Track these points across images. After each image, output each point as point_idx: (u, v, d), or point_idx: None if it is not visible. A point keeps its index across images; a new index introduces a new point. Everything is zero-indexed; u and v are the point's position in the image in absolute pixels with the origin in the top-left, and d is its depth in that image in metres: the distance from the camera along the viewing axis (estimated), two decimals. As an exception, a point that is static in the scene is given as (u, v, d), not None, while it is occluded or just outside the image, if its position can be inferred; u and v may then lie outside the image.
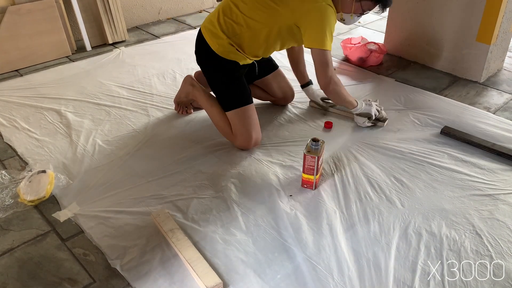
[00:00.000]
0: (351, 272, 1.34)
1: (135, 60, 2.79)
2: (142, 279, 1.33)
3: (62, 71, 2.67)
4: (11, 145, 1.98)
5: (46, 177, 1.69)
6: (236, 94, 1.89)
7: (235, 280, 1.32)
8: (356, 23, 3.41)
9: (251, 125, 1.87)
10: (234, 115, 1.88)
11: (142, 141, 1.99)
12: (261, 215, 1.56)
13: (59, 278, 1.35)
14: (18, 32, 2.64)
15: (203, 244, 1.45)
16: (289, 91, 2.20)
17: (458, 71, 2.54)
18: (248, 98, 1.91)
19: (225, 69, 1.89)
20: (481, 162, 1.81)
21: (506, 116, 2.15)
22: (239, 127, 1.87)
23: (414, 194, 1.65)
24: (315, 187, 1.66)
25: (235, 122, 1.88)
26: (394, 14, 2.73)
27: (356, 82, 2.49)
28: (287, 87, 2.19)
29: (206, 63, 1.95)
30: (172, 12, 3.59)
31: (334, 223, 1.52)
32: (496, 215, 1.55)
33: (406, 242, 1.44)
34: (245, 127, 1.87)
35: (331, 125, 2.06)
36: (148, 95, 2.37)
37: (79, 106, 2.26)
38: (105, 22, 2.98)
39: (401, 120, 2.11)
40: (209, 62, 1.93)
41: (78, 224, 1.54)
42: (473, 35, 2.39)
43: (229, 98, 1.90)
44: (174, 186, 1.71)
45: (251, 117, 1.88)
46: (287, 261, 1.38)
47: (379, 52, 2.63)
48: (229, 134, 1.92)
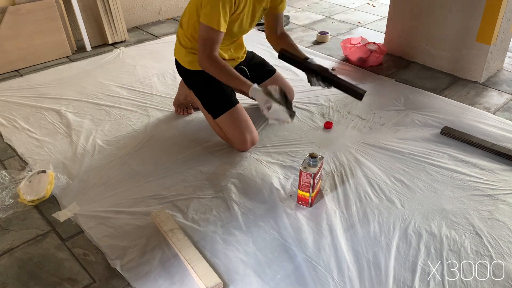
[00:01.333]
0: (351, 272, 1.34)
1: (135, 60, 2.80)
2: (142, 279, 1.33)
3: (62, 71, 2.67)
4: (11, 145, 1.98)
5: (46, 177, 1.69)
6: (217, 101, 1.89)
7: (235, 280, 1.32)
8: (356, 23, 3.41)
9: (242, 126, 1.87)
10: (222, 121, 1.88)
11: (142, 141, 1.99)
12: (261, 215, 1.56)
13: (59, 278, 1.35)
14: (18, 32, 2.64)
15: (203, 244, 1.45)
16: (289, 91, 2.19)
17: (458, 71, 2.54)
18: (229, 101, 1.89)
19: (199, 80, 1.91)
20: (481, 162, 1.81)
21: (506, 116, 2.15)
22: (231, 131, 1.87)
23: (414, 194, 1.65)
24: (311, 204, 1.59)
25: (226, 128, 1.88)
26: (394, 14, 2.73)
27: (356, 83, 2.48)
28: (288, 88, 2.18)
29: (186, 80, 1.99)
30: (172, 12, 3.59)
31: (334, 223, 1.52)
32: (496, 215, 1.55)
33: (406, 242, 1.44)
34: (237, 130, 1.86)
35: (331, 125, 2.06)
36: (148, 95, 2.37)
37: (79, 106, 2.26)
38: (105, 22, 2.98)
39: (401, 120, 2.11)
40: (186, 78, 1.98)
41: (78, 224, 1.55)
42: (473, 35, 2.39)
43: (213, 105, 1.90)
44: (174, 186, 1.71)
45: (240, 119, 1.87)
46: (287, 261, 1.38)
47: (379, 52, 2.63)
48: (226, 138, 1.92)
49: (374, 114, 2.17)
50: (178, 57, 1.96)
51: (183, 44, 1.92)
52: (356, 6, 3.81)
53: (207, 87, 1.90)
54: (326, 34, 3.07)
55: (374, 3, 3.88)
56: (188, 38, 1.89)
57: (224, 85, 1.92)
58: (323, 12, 3.68)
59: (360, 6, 3.82)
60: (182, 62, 1.94)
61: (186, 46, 1.90)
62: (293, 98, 2.24)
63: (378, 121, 2.11)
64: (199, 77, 1.90)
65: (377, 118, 2.13)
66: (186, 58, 1.91)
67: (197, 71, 1.89)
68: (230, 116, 1.87)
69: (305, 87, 2.27)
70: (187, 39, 1.89)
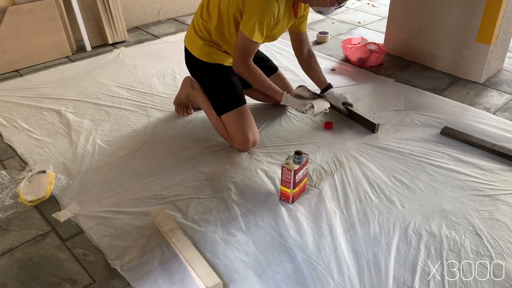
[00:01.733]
0: (351, 272, 1.34)
1: (135, 60, 2.80)
2: (142, 279, 1.33)
3: (62, 71, 2.67)
4: (11, 145, 1.98)
5: (46, 177, 1.69)
6: (226, 97, 1.89)
7: (235, 280, 1.32)
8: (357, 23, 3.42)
9: (246, 126, 1.86)
10: (227, 118, 1.88)
11: (142, 141, 1.99)
12: (261, 215, 1.56)
13: (59, 278, 1.35)
14: (18, 32, 2.64)
15: (203, 244, 1.45)
16: (290, 91, 2.19)
17: (458, 72, 2.54)
18: (239, 100, 1.89)
19: (212, 74, 1.90)
20: (481, 163, 1.81)
21: (506, 116, 2.15)
22: (234, 130, 1.87)
23: (414, 194, 1.65)
24: (292, 201, 1.60)
25: (230, 125, 1.88)
26: (394, 14, 2.73)
27: (356, 83, 2.49)
28: (289, 88, 2.19)
29: (195, 71, 1.98)
30: (172, 12, 3.59)
31: (334, 223, 1.52)
32: (496, 215, 1.55)
33: (406, 242, 1.44)
34: (241, 129, 1.86)
35: (331, 125, 2.06)
36: (148, 95, 2.37)
37: (79, 106, 2.26)
38: (105, 22, 2.98)
39: (401, 120, 2.11)
40: (197, 70, 1.96)
41: (78, 224, 1.54)
42: (473, 35, 2.39)
43: (221, 101, 1.90)
44: (174, 186, 1.71)
45: (245, 119, 1.87)
46: (287, 261, 1.38)
47: (379, 53, 2.64)
48: (228, 136, 1.92)
49: (374, 114, 2.16)
50: (192, 47, 1.90)
51: (200, 35, 1.87)
52: (356, 6, 3.82)
53: (219, 82, 1.89)
54: (326, 34, 3.07)
55: (374, 3, 3.88)
56: (207, 30, 1.83)
57: (236, 83, 1.92)
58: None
59: (360, 6, 3.82)
60: (197, 52, 1.89)
61: (203, 38, 1.86)
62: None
63: (378, 121, 2.11)
64: (212, 70, 1.89)
65: (377, 118, 2.13)
66: (203, 50, 1.87)
67: (213, 64, 1.87)
68: (236, 114, 1.87)
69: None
70: (205, 32, 1.84)
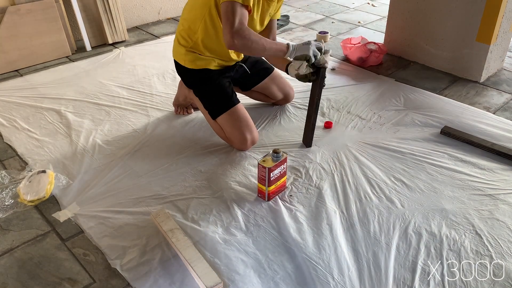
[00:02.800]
0: (351, 272, 1.34)
1: (135, 60, 2.79)
2: (142, 279, 1.33)
3: (62, 71, 2.67)
4: (11, 145, 1.98)
5: (46, 177, 1.69)
6: (217, 100, 1.89)
7: (235, 280, 1.32)
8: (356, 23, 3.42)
9: (242, 126, 1.86)
10: (222, 120, 1.88)
11: (142, 141, 1.99)
12: (261, 215, 1.56)
13: (59, 278, 1.35)
14: (18, 32, 2.64)
15: (203, 244, 1.45)
16: (289, 90, 2.20)
17: (458, 71, 2.54)
18: (230, 101, 1.89)
19: (200, 79, 1.91)
20: (481, 162, 1.81)
21: (506, 116, 2.15)
22: (231, 131, 1.87)
23: (414, 194, 1.65)
24: (268, 198, 1.61)
25: (226, 127, 1.87)
26: (394, 14, 2.73)
27: (356, 82, 2.49)
28: (287, 87, 2.19)
29: (185, 79, 1.99)
30: (172, 12, 3.59)
31: (334, 223, 1.52)
32: (496, 215, 1.55)
33: (406, 242, 1.44)
34: (237, 129, 1.86)
35: (331, 125, 2.06)
36: (148, 95, 2.37)
37: (79, 106, 2.26)
38: (105, 22, 2.98)
39: (401, 120, 2.11)
40: (187, 78, 1.97)
41: (78, 224, 1.55)
42: (473, 35, 2.39)
43: (213, 105, 1.90)
44: (174, 186, 1.71)
45: (240, 119, 1.87)
46: (287, 261, 1.38)
47: (379, 52, 2.63)
48: (226, 137, 1.92)
49: (374, 113, 2.17)
50: (177, 57, 1.94)
51: (182, 43, 1.90)
52: (356, 6, 3.81)
53: (208, 87, 1.90)
54: (326, 34, 3.07)
55: (374, 3, 3.88)
56: (187, 36, 1.86)
57: (225, 84, 1.92)
58: (323, 11, 3.68)
59: (360, 6, 3.82)
60: (182, 61, 1.92)
61: (185, 45, 1.89)
62: (293, 97, 2.24)
63: (378, 121, 2.11)
64: (199, 76, 1.90)
65: (377, 118, 2.13)
66: (187, 57, 1.89)
67: (198, 70, 1.89)
68: (230, 116, 1.86)
69: (305, 87, 2.26)
70: (187, 37, 1.87)
